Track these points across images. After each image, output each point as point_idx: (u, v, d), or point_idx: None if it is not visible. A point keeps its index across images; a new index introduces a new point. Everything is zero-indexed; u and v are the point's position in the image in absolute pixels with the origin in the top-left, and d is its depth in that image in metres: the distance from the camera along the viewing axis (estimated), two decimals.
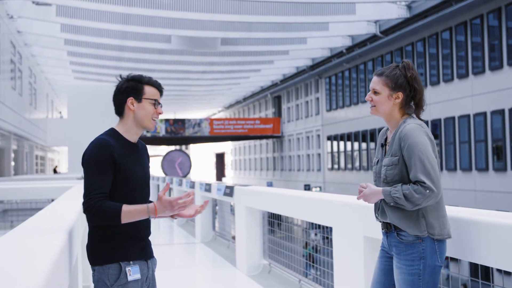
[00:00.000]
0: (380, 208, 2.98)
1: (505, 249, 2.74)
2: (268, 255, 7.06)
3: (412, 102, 3.00)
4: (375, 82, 3.01)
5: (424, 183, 2.79)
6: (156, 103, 2.88)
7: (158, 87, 2.92)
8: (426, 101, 3.11)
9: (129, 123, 2.87)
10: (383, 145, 3.05)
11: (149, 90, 2.87)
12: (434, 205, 2.86)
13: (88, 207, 2.62)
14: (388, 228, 2.97)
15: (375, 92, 3.00)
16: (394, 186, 2.86)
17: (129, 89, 2.85)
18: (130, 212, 2.67)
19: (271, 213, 7.04)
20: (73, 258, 3.16)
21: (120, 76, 2.92)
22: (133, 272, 2.74)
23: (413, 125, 2.89)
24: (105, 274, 2.71)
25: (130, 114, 2.86)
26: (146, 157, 3.00)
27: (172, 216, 2.94)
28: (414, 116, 2.99)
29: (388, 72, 2.99)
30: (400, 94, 2.96)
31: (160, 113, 2.91)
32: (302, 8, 21.77)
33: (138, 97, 2.85)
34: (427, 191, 2.78)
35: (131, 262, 2.76)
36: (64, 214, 3.85)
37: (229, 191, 7.91)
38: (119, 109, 2.88)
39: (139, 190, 2.82)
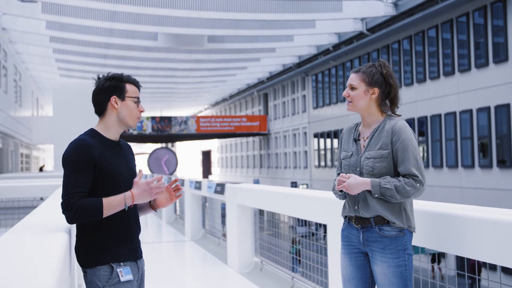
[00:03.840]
0: (361, 201, 3.03)
1: (493, 243, 2.84)
2: (259, 253, 7.07)
3: (387, 99, 3.11)
4: (352, 78, 3.12)
5: (417, 176, 2.93)
6: (138, 101, 2.90)
7: (138, 85, 2.94)
8: (413, 98, 3.22)
9: (110, 122, 2.85)
10: (357, 140, 3.13)
11: (130, 88, 2.88)
12: (410, 199, 3.02)
13: (69, 206, 2.60)
14: (365, 224, 3.02)
15: (352, 88, 3.10)
16: (382, 177, 2.96)
17: (112, 88, 2.84)
18: (110, 204, 2.67)
19: (259, 210, 7.05)
20: (72, 257, 3.15)
21: (98, 76, 2.90)
22: (125, 273, 2.73)
23: (403, 122, 3.04)
24: (96, 276, 2.70)
25: (113, 113, 2.85)
26: (131, 155, 2.99)
27: (153, 208, 2.97)
28: (393, 114, 3.12)
29: (364, 68, 3.11)
30: (376, 90, 3.07)
31: (142, 111, 2.92)
32: (289, 6, 21.79)
33: (121, 95, 2.84)
34: (418, 184, 2.93)
35: (121, 264, 2.75)
36: (60, 212, 3.82)
37: (220, 188, 7.91)
38: (101, 108, 2.86)
39: (125, 187, 2.79)
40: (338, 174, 3.24)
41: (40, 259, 2.08)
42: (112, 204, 2.67)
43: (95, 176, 2.70)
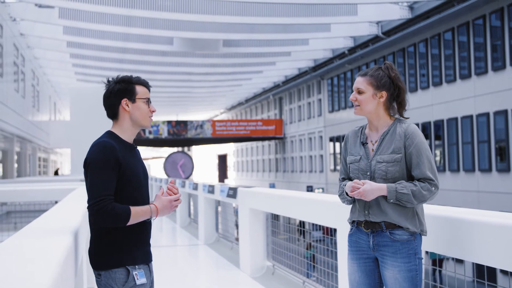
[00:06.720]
0: (373, 206, 2.97)
1: (504, 249, 2.78)
2: (272, 257, 7.06)
3: (395, 102, 3.07)
4: (359, 82, 3.08)
5: (433, 180, 2.91)
6: (148, 101, 2.91)
7: (147, 86, 2.95)
8: (429, 101, 3.16)
9: (125, 125, 2.87)
10: (364, 144, 3.07)
11: (140, 90, 2.89)
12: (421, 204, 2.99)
13: (100, 209, 2.60)
14: (376, 228, 2.98)
15: (359, 92, 3.06)
16: (398, 182, 2.91)
17: (122, 91, 2.85)
18: (136, 214, 2.70)
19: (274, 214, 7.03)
20: (78, 260, 3.16)
21: (108, 79, 2.92)
22: (139, 276, 2.75)
23: (415, 125, 3.01)
24: (112, 279, 2.70)
25: (125, 116, 2.86)
26: (141, 157, 3.02)
27: None
28: (401, 117, 3.08)
29: (372, 72, 3.08)
30: (384, 93, 3.04)
31: (153, 111, 2.94)
32: (304, 10, 21.76)
33: (132, 97, 2.86)
34: (433, 188, 2.90)
35: (136, 267, 2.76)
36: (69, 216, 3.85)
37: (233, 192, 7.91)
38: (113, 112, 2.88)
39: (140, 191, 2.82)
40: (343, 179, 3.20)
41: (40, 261, 2.09)
42: (138, 214, 2.70)
43: (118, 178, 2.72)
